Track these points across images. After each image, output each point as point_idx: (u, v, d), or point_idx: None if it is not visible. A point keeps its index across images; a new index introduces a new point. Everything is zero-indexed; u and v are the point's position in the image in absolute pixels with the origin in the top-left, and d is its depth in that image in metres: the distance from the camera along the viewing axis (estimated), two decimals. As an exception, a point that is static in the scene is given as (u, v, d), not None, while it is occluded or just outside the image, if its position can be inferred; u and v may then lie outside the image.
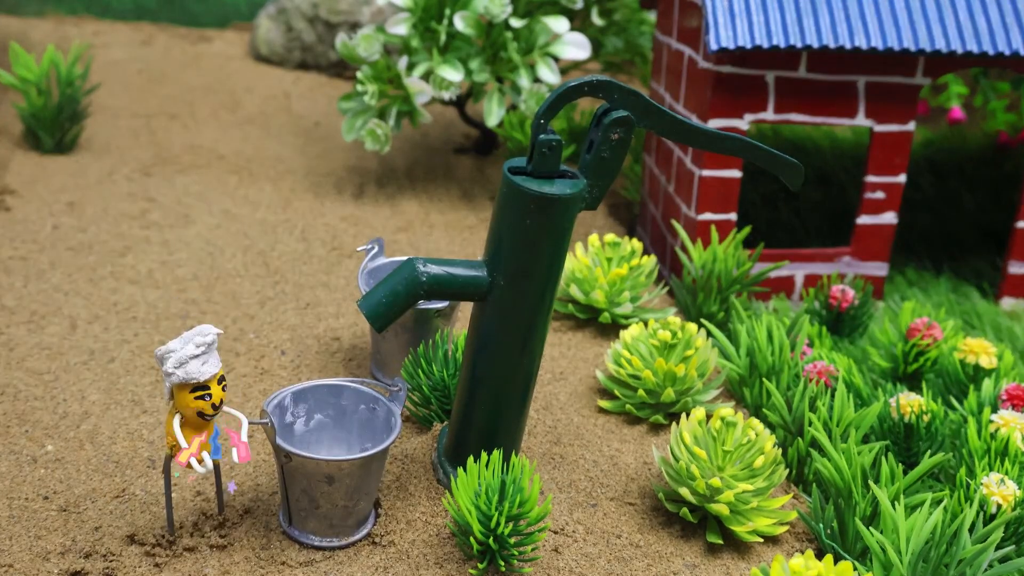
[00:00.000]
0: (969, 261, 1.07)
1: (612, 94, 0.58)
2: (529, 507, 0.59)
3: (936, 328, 0.83)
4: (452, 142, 1.28)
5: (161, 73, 1.43)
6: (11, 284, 0.88)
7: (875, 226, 0.94)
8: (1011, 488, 0.63)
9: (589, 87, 0.58)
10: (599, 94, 0.58)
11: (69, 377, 0.76)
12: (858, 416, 0.69)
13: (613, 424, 0.77)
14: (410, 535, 0.63)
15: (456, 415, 0.66)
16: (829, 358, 0.80)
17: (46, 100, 1.12)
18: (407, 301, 0.61)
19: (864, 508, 0.63)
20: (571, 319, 0.90)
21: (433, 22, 1.04)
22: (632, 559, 0.64)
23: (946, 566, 0.58)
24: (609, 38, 1.23)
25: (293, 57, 1.52)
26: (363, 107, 1.06)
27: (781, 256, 0.94)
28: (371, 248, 0.80)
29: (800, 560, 0.55)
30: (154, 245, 0.96)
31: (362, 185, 1.14)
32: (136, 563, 0.60)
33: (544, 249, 0.60)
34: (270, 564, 0.61)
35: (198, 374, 0.56)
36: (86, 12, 1.68)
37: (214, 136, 1.23)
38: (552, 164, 0.59)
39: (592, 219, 1.11)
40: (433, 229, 1.05)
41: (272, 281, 0.92)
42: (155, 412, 0.73)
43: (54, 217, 1.00)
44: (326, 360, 0.81)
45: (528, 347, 0.63)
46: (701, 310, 0.88)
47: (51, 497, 0.64)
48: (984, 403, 0.76)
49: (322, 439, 0.66)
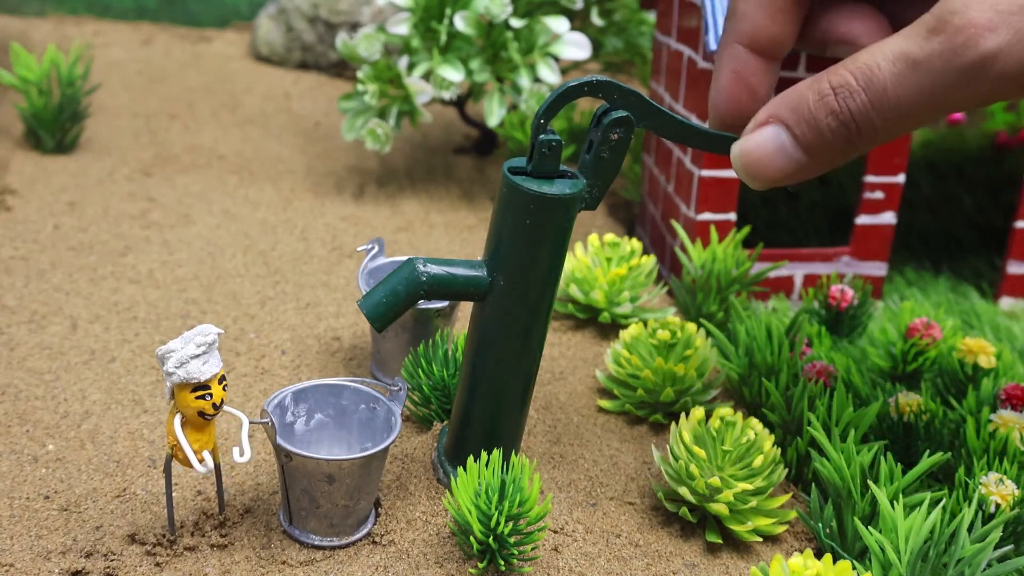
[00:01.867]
0: (968, 261, 1.07)
1: (612, 94, 0.59)
2: (529, 507, 0.59)
3: (935, 328, 0.83)
4: (452, 142, 1.28)
5: (161, 73, 1.43)
6: (12, 284, 0.88)
7: (874, 226, 0.95)
8: (1010, 487, 0.64)
9: (589, 87, 0.58)
10: (599, 94, 0.59)
11: (70, 377, 0.77)
12: (857, 416, 0.69)
13: (613, 424, 0.77)
14: (410, 534, 0.64)
15: (456, 415, 0.66)
16: (828, 358, 0.80)
17: (47, 100, 1.12)
18: (407, 301, 0.61)
19: (863, 507, 0.63)
20: (571, 319, 0.90)
21: (434, 22, 1.04)
22: (632, 558, 0.64)
23: (945, 566, 0.58)
24: (609, 38, 1.23)
25: (293, 57, 1.52)
26: (363, 107, 1.06)
27: (780, 256, 0.94)
28: (371, 248, 0.80)
29: (799, 559, 0.55)
30: (155, 245, 0.96)
31: (362, 185, 1.14)
32: (137, 562, 0.60)
33: (544, 249, 0.60)
34: (270, 563, 0.61)
35: (199, 374, 0.56)
36: (86, 12, 1.68)
37: (214, 136, 1.23)
38: (552, 164, 0.59)
39: (592, 219, 1.11)
40: (433, 229, 1.05)
41: (272, 281, 0.92)
42: (156, 412, 0.74)
43: (55, 217, 1.00)
44: (326, 360, 0.81)
45: (528, 347, 0.63)
46: (700, 310, 0.88)
47: (52, 496, 0.65)
48: (983, 403, 0.76)
49: (322, 439, 0.66)
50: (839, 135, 0.53)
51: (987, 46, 0.48)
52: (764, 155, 0.56)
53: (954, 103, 0.51)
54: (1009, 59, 0.49)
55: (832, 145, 0.54)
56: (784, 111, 0.55)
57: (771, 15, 0.58)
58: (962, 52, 0.49)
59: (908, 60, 0.50)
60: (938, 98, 0.50)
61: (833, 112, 0.52)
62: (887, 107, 0.51)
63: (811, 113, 0.53)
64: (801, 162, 0.55)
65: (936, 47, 0.49)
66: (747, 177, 0.57)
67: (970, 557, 0.58)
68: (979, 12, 0.48)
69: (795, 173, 0.55)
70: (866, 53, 0.52)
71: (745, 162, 0.56)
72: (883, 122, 0.52)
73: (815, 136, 0.54)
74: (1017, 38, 0.48)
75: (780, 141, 0.55)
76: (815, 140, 0.54)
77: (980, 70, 0.49)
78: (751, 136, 0.56)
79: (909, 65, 0.50)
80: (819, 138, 0.54)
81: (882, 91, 0.51)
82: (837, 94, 0.52)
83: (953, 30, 0.49)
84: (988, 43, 0.48)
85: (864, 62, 0.52)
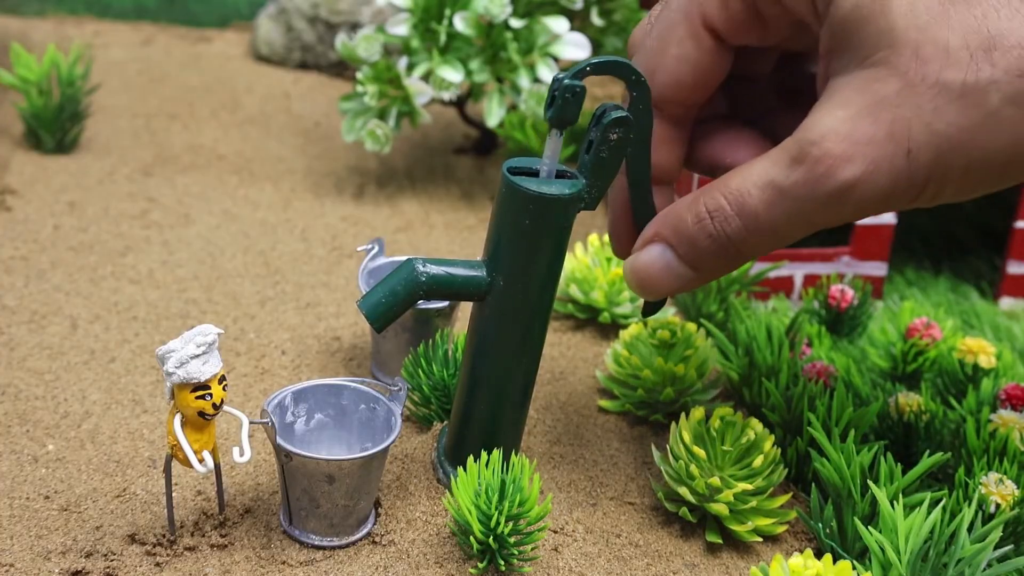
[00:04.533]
0: (968, 261, 1.07)
1: (630, 76, 0.58)
2: (529, 506, 0.59)
3: (935, 328, 0.83)
4: (452, 142, 1.28)
5: (161, 73, 1.43)
6: (12, 284, 0.88)
7: (874, 226, 0.95)
8: (1010, 487, 0.64)
9: (613, 65, 0.58)
10: (618, 74, 0.58)
11: (70, 377, 0.77)
12: (857, 415, 0.69)
13: (613, 424, 0.77)
14: (410, 534, 0.64)
15: (456, 415, 0.67)
16: (828, 358, 0.80)
17: (47, 100, 1.12)
18: (407, 301, 0.61)
19: (863, 507, 0.63)
20: (571, 319, 0.90)
21: (433, 22, 1.04)
22: (632, 558, 0.64)
23: (945, 565, 0.59)
24: (609, 38, 1.23)
25: (293, 57, 1.52)
26: (363, 108, 1.06)
27: (780, 256, 0.94)
28: (371, 248, 0.80)
29: (799, 559, 0.55)
30: (155, 245, 0.96)
31: (362, 185, 1.14)
32: (137, 562, 0.60)
33: (543, 249, 0.60)
34: (271, 563, 0.61)
35: (199, 374, 0.56)
36: (86, 12, 1.68)
37: (214, 136, 1.23)
38: (573, 112, 0.57)
39: (592, 219, 1.11)
40: (433, 229, 1.05)
41: (272, 281, 0.92)
42: (156, 412, 0.74)
43: (55, 217, 1.00)
44: (326, 360, 0.81)
45: (528, 347, 0.63)
46: (700, 310, 0.88)
47: (52, 496, 0.65)
48: (983, 403, 0.76)
49: (322, 439, 0.66)
50: (719, 255, 0.56)
51: (846, 176, 0.51)
52: (653, 272, 0.59)
53: (822, 223, 0.54)
54: (867, 187, 0.52)
55: (714, 262, 0.57)
56: (667, 231, 0.58)
57: (652, 147, 0.60)
58: (823, 182, 0.52)
59: (775, 187, 0.53)
60: (805, 221, 0.54)
61: (711, 236, 0.56)
62: (761, 231, 0.54)
63: (691, 235, 0.57)
64: (688, 276, 0.58)
65: (799, 177, 0.52)
66: (640, 292, 0.60)
67: (970, 557, 0.58)
68: (835, 143, 0.51)
69: (684, 286, 0.59)
70: (737, 177, 0.55)
71: (637, 278, 0.60)
72: (759, 242, 0.55)
73: (697, 255, 0.57)
74: (873, 167, 0.51)
75: (666, 260, 0.58)
76: (698, 258, 0.57)
77: (841, 196, 0.52)
78: (639, 254, 0.59)
79: (776, 192, 0.53)
80: (701, 257, 0.57)
81: (754, 216, 0.54)
82: (713, 218, 0.55)
83: (813, 160, 0.52)
84: (845, 173, 0.51)
85: (736, 188, 0.54)
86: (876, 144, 0.51)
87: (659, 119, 0.60)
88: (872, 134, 0.51)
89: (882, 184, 0.52)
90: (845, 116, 0.52)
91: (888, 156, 0.51)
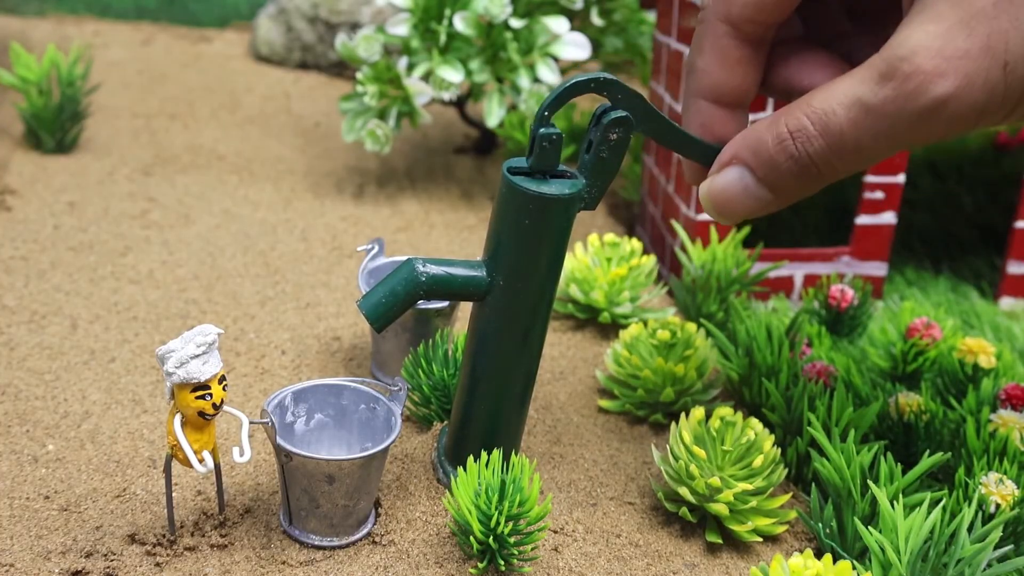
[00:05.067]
0: (968, 261, 1.07)
1: (616, 94, 0.58)
2: (529, 506, 0.59)
3: (935, 328, 0.83)
4: (452, 142, 1.28)
5: (161, 73, 1.43)
6: (12, 284, 0.88)
7: (874, 226, 0.95)
8: (1010, 487, 0.64)
9: (595, 83, 0.58)
10: (603, 92, 0.58)
11: (70, 377, 0.77)
12: (857, 415, 0.69)
13: (613, 424, 0.77)
14: (410, 534, 0.64)
15: (456, 415, 0.67)
16: (828, 358, 0.80)
17: (47, 100, 1.12)
18: (407, 301, 0.61)
19: (863, 507, 0.63)
20: (571, 319, 0.90)
21: (433, 22, 1.04)
22: (632, 558, 0.64)
23: (945, 566, 0.59)
24: (609, 38, 1.23)
25: (293, 57, 1.52)
26: (363, 108, 1.06)
27: (780, 256, 0.94)
28: (371, 248, 0.80)
29: (799, 559, 0.55)
30: (154, 245, 0.96)
31: (362, 185, 1.14)
32: (137, 562, 0.60)
33: (543, 249, 0.60)
34: (271, 563, 0.61)
35: (199, 374, 0.56)
36: (86, 12, 1.68)
37: (214, 136, 1.23)
38: (552, 158, 0.59)
39: (592, 219, 1.11)
40: (433, 229, 1.05)
41: (272, 281, 0.92)
42: (156, 412, 0.74)
43: (55, 217, 1.00)
44: (326, 360, 0.81)
45: (528, 347, 0.63)
46: (700, 310, 0.88)
47: (52, 496, 0.65)
48: (983, 403, 0.76)
49: (322, 439, 0.66)
50: (800, 176, 0.55)
51: (938, 92, 0.50)
52: (731, 195, 0.58)
53: (909, 143, 0.53)
54: (960, 103, 0.51)
55: (794, 184, 0.56)
56: (746, 153, 0.57)
57: (729, 68, 0.60)
58: (915, 98, 0.51)
59: (862, 106, 0.52)
60: (894, 140, 0.52)
61: (792, 156, 0.55)
62: (845, 150, 0.53)
63: (771, 156, 0.55)
64: (766, 200, 0.57)
65: (889, 93, 0.51)
66: (717, 215, 0.59)
67: (970, 557, 0.58)
68: (926, 59, 0.50)
69: (762, 209, 0.57)
70: (820, 96, 0.54)
71: (714, 202, 0.59)
72: (842, 163, 0.54)
73: (777, 177, 0.56)
74: (967, 82, 0.50)
75: (745, 182, 0.57)
76: (778, 181, 0.56)
77: (933, 114, 0.51)
78: (716, 177, 0.58)
79: (863, 110, 0.52)
80: (781, 179, 0.56)
81: (839, 136, 0.53)
82: (795, 138, 0.54)
83: (903, 76, 0.51)
84: (939, 89, 0.50)
85: (820, 107, 0.53)
86: (971, 58, 0.50)
87: (737, 40, 0.59)
88: (967, 48, 0.50)
89: (976, 99, 0.50)
90: (937, 31, 0.50)
91: (983, 70, 0.50)
